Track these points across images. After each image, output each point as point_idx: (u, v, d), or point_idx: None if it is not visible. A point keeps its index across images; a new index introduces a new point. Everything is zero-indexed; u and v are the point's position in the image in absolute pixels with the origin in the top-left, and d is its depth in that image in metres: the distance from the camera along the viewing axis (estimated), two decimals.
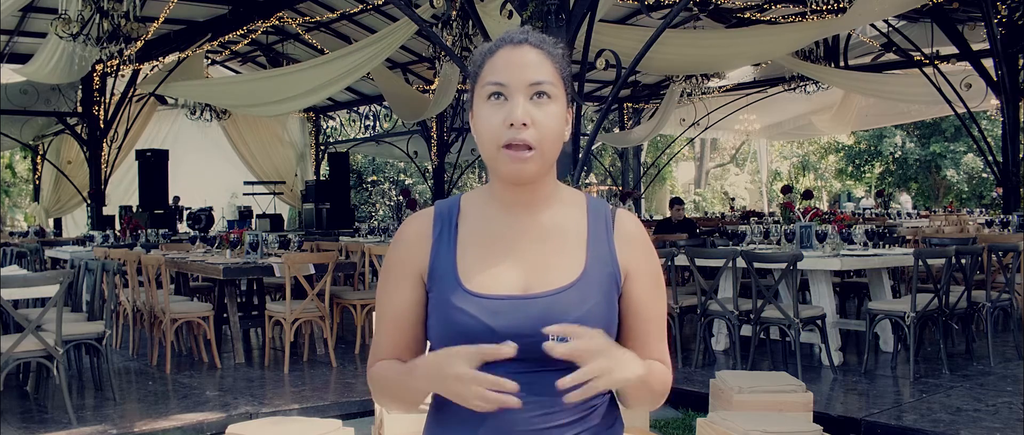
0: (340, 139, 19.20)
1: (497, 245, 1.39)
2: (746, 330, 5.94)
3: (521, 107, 1.32)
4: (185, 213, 14.93)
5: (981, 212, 15.03)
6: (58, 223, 16.47)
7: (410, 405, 1.40)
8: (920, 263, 5.61)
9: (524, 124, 1.32)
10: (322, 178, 17.51)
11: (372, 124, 18.25)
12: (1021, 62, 10.24)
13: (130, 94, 13.28)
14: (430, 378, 1.30)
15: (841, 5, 9.37)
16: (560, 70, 1.38)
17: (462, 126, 16.36)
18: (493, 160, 1.36)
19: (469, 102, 1.41)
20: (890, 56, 12.89)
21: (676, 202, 10.86)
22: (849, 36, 12.08)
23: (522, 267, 1.37)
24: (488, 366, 1.25)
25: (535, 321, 1.30)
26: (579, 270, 1.37)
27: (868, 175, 29.07)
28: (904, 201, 23.49)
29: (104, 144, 13.35)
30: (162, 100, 15.95)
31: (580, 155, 6.21)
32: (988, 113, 15.34)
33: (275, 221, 16.47)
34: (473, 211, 1.43)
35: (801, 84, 13.44)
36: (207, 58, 14.09)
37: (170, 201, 15.44)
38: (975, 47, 11.02)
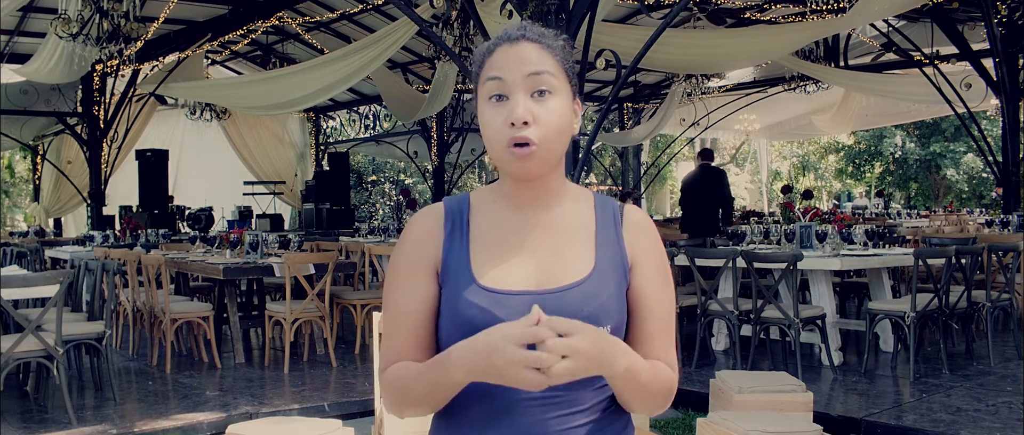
0: (340, 139, 19.20)
1: (509, 242, 1.38)
2: (746, 330, 5.95)
3: (521, 105, 1.31)
4: (184, 213, 14.93)
5: (981, 212, 15.03)
6: (58, 223, 16.46)
7: (438, 403, 1.34)
8: (920, 263, 5.61)
9: (525, 122, 1.30)
10: (322, 168, 17.48)
11: (372, 124, 18.25)
12: (1021, 62, 10.23)
13: (130, 94, 13.27)
14: (474, 369, 1.22)
15: (841, 5, 9.36)
16: (562, 62, 1.36)
17: (462, 126, 16.37)
18: (500, 160, 1.35)
19: (474, 103, 1.40)
20: (890, 56, 12.88)
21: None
22: (849, 36, 12.07)
23: (534, 263, 1.36)
24: None
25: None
26: (590, 265, 1.37)
27: (868, 175, 29.07)
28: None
29: (104, 144, 13.34)
30: (162, 100, 15.94)
31: (580, 155, 6.21)
32: (988, 113, 15.34)
33: (275, 221, 16.46)
34: (483, 208, 1.42)
35: (801, 84, 13.43)
36: (207, 58, 14.09)
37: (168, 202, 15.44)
38: (975, 47, 11.02)
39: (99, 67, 11.76)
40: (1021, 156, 10.24)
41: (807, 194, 7.76)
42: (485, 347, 1.20)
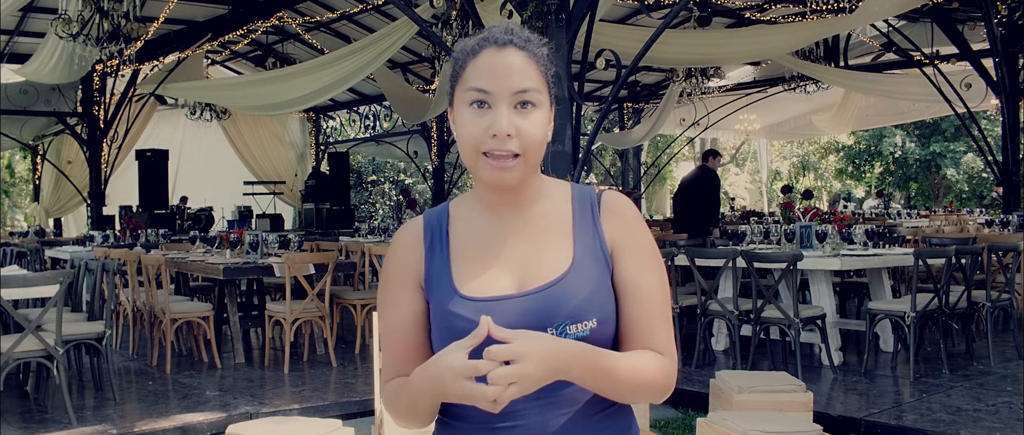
0: (340, 139, 19.20)
1: (488, 248, 1.38)
2: (746, 330, 5.95)
3: (505, 118, 1.30)
4: (185, 213, 14.95)
5: (981, 212, 15.02)
6: (58, 223, 16.47)
7: (425, 418, 1.35)
8: (920, 263, 5.61)
9: (508, 135, 1.30)
10: (319, 170, 17.48)
11: (372, 124, 18.25)
12: (1021, 62, 10.23)
13: (130, 94, 13.28)
14: (433, 394, 1.26)
15: (841, 5, 9.37)
16: (545, 72, 1.35)
17: None
18: (474, 166, 1.34)
19: (449, 100, 1.38)
20: (890, 56, 12.88)
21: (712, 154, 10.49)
22: (849, 36, 12.07)
23: (514, 266, 1.36)
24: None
25: (532, 318, 1.28)
26: (569, 260, 1.35)
27: (868, 175, 29.07)
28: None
29: (104, 144, 13.35)
30: (162, 100, 15.95)
31: (580, 155, 6.20)
32: (988, 113, 15.33)
33: (275, 221, 16.47)
34: (462, 217, 1.42)
35: (801, 84, 13.43)
36: (207, 58, 14.09)
37: (177, 201, 15.47)
38: (975, 47, 11.02)
39: (99, 67, 11.77)
40: (1021, 156, 10.24)
41: (807, 194, 7.76)
42: (436, 376, 1.23)
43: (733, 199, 25.17)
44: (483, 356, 1.17)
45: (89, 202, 13.69)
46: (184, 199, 15.58)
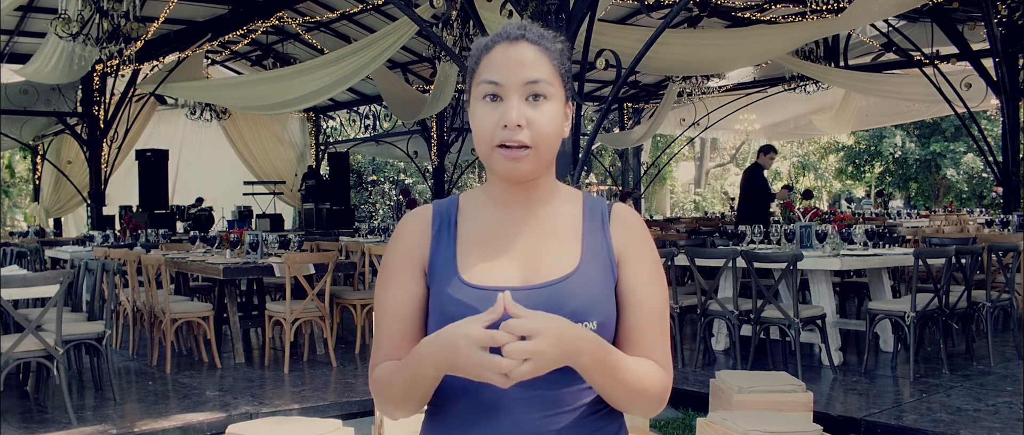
0: (340, 139, 19.21)
1: (496, 241, 1.38)
2: (746, 330, 5.94)
3: (516, 108, 1.31)
4: (186, 213, 14.96)
5: (981, 212, 15.03)
6: (58, 223, 16.48)
7: (419, 401, 1.33)
8: (920, 263, 5.61)
9: (519, 125, 1.30)
10: (315, 170, 17.48)
11: (372, 124, 18.26)
12: (1021, 62, 10.24)
13: (130, 94, 13.28)
14: (440, 365, 1.23)
15: (841, 5, 9.37)
16: (558, 66, 1.36)
17: (462, 126, 16.38)
18: (488, 159, 1.34)
19: (466, 98, 1.40)
20: (890, 56, 12.90)
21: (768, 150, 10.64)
22: (849, 36, 12.08)
23: (520, 261, 1.36)
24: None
25: None
26: (575, 262, 1.36)
27: (868, 175, 29.08)
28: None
29: (104, 144, 13.35)
30: (162, 100, 15.96)
31: (580, 155, 6.21)
32: (988, 113, 15.34)
33: (275, 221, 16.48)
34: (472, 209, 1.43)
35: (801, 84, 13.45)
36: (207, 58, 14.10)
37: (193, 201, 15.47)
38: (975, 47, 11.03)
39: (99, 67, 11.78)
40: (1021, 156, 10.25)
41: (807, 194, 7.76)
42: (448, 344, 1.21)
43: (733, 199, 25.15)
44: (500, 329, 1.17)
45: (89, 202, 13.70)
46: (200, 200, 15.53)
